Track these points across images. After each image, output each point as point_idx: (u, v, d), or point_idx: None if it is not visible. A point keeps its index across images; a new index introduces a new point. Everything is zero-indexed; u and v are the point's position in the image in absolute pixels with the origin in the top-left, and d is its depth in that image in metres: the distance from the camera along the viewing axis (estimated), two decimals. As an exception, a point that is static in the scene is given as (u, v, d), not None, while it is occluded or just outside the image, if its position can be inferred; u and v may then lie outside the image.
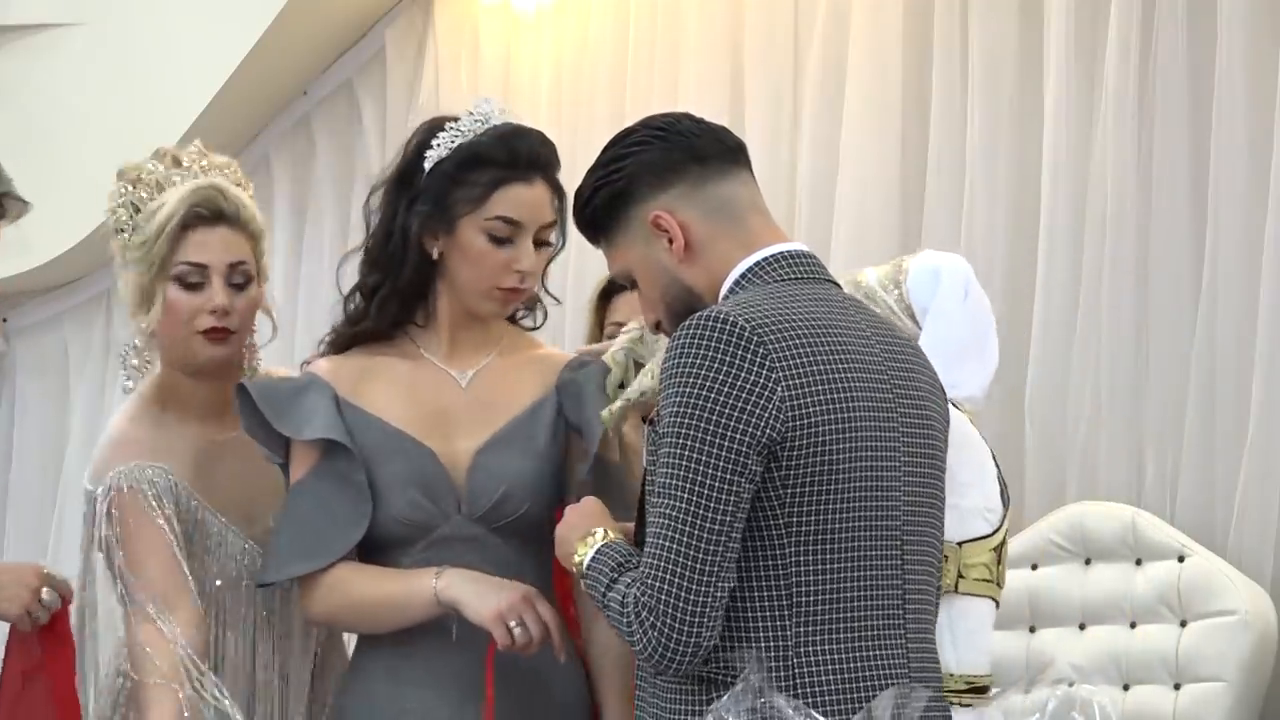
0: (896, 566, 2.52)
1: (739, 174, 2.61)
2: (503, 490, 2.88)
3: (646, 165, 2.58)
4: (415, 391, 2.93)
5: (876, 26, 4.71)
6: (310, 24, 5.58)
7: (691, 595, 2.39)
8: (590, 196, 2.62)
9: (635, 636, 2.42)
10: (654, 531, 2.42)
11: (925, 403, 2.58)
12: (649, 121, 2.65)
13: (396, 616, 2.85)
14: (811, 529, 2.43)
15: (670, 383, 2.43)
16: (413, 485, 2.87)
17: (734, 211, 2.58)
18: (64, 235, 5.97)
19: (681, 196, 2.57)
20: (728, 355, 2.40)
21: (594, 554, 2.54)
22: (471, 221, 2.88)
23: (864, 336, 2.52)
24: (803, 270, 2.56)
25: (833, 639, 2.46)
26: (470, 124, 2.92)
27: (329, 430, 2.88)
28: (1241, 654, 3.87)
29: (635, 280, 2.63)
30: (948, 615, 2.74)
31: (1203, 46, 4.23)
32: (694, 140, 2.60)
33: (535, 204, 2.90)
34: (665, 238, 2.56)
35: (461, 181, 2.88)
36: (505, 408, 2.95)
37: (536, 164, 2.90)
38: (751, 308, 2.45)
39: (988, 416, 4.48)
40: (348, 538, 2.87)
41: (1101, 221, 4.32)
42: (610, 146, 2.64)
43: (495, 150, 2.88)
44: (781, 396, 2.40)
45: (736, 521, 2.40)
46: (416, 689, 2.87)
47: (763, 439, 2.39)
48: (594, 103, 5.26)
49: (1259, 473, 4.05)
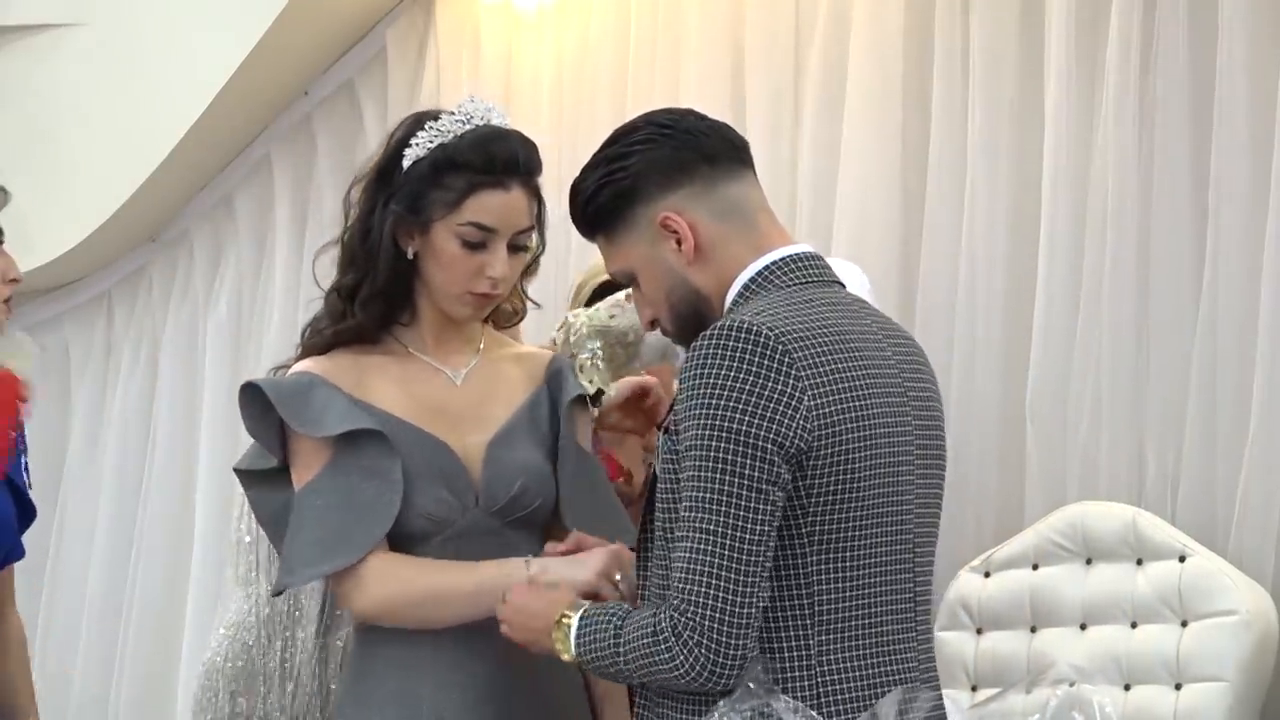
0: (908, 570, 2.52)
1: (746, 174, 2.58)
2: (520, 482, 2.87)
3: (654, 163, 2.54)
4: (413, 388, 2.92)
5: (877, 25, 4.71)
6: (311, 24, 5.58)
7: (735, 610, 2.35)
8: (594, 194, 2.57)
9: (678, 659, 2.36)
10: (689, 547, 2.37)
11: (932, 402, 2.59)
12: (653, 118, 2.60)
13: (468, 608, 2.81)
14: (833, 538, 2.42)
15: (695, 393, 2.39)
16: (435, 479, 2.85)
17: (744, 213, 2.55)
18: (65, 235, 5.98)
19: (691, 197, 2.53)
20: (754, 365, 2.37)
21: (578, 630, 2.50)
22: (445, 225, 2.86)
23: (876, 340, 2.51)
24: (812, 273, 2.54)
25: (853, 646, 2.45)
26: (451, 124, 2.89)
27: (356, 422, 2.83)
28: (1242, 654, 3.87)
29: (637, 281, 2.59)
30: None
31: (1204, 46, 4.23)
32: (702, 139, 2.56)
33: (510, 210, 2.87)
34: (674, 239, 2.52)
35: (437, 184, 2.85)
36: (503, 403, 2.94)
37: (513, 169, 2.87)
38: (772, 315, 2.42)
39: (989, 416, 4.50)
40: (377, 529, 2.82)
41: (1102, 220, 4.32)
42: (613, 142, 2.59)
43: (471, 154, 2.85)
44: (808, 406, 2.38)
45: (772, 530, 2.38)
46: (425, 680, 2.86)
47: (791, 449, 2.37)
48: (595, 102, 5.26)
49: (1260, 472, 4.04)
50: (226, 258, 6.02)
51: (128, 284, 6.20)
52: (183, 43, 5.69)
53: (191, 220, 6.07)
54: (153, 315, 6.15)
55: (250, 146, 5.94)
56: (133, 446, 6.08)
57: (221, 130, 5.79)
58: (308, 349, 2.95)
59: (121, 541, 6.04)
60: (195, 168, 5.92)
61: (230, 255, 6.00)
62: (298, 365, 2.93)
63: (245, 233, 5.97)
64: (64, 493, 6.21)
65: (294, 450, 2.89)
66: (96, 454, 6.17)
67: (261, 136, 5.92)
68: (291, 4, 5.40)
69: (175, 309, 6.09)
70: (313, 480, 2.85)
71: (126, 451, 6.09)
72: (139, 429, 6.08)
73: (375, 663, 2.90)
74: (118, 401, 6.15)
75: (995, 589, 4.23)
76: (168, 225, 6.10)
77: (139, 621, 5.96)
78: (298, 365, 2.93)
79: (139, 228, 6.06)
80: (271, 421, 2.88)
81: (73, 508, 6.19)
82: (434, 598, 2.82)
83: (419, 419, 2.88)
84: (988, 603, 4.23)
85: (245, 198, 5.98)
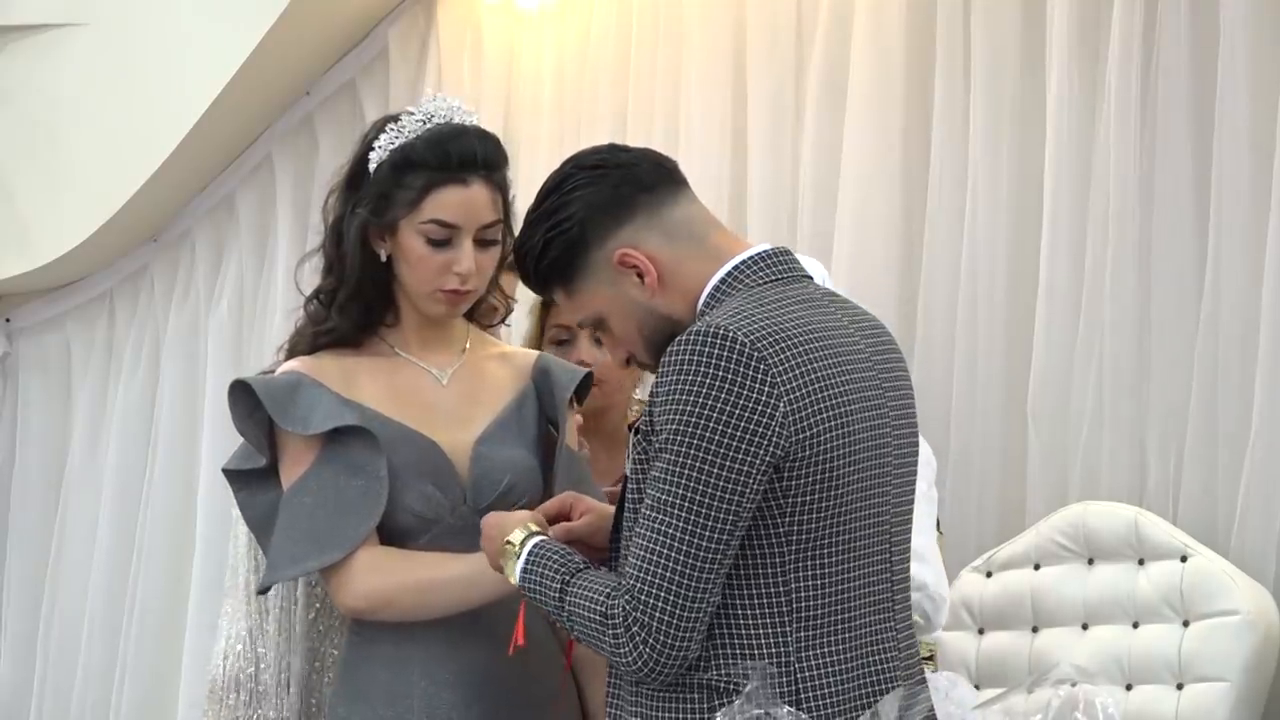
0: (885, 564, 2.52)
1: (684, 193, 2.56)
2: (508, 480, 2.88)
3: (596, 205, 2.51)
4: (399, 387, 2.94)
5: (879, 25, 4.71)
6: (313, 24, 5.58)
7: (684, 612, 2.37)
8: (544, 249, 2.53)
9: (623, 649, 2.40)
10: (647, 546, 2.39)
11: (905, 391, 2.59)
12: (579, 161, 2.57)
13: (456, 597, 2.82)
14: (812, 537, 2.42)
15: (669, 399, 2.38)
16: (423, 477, 2.87)
17: (694, 231, 2.53)
18: (66, 235, 5.98)
19: (640, 229, 2.51)
20: (727, 373, 2.36)
21: (523, 565, 2.53)
22: (409, 225, 2.88)
23: (849, 334, 2.51)
24: (779, 270, 2.53)
25: (833, 643, 2.45)
26: (411, 124, 2.90)
27: (341, 418, 2.86)
28: (1244, 654, 3.87)
29: (606, 324, 2.56)
30: None
31: (1205, 45, 4.22)
32: (635, 170, 2.54)
33: (471, 205, 2.88)
34: (633, 273, 2.50)
35: (398, 185, 2.87)
36: (489, 402, 2.96)
37: (471, 164, 2.88)
38: (744, 318, 2.41)
39: (991, 417, 4.50)
40: (365, 524, 2.84)
41: (1104, 220, 4.32)
42: (546, 195, 2.55)
43: (427, 153, 2.86)
44: (784, 413, 2.37)
45: (733, 540, 2.39)
46: (415, 678, 2.87)
47: (766, 457, 2.37)
48: (596, 101, 5.26)
49: (1261, 472, 4.04)
50: (228, 258, 6.02)
51: (129, 284, 6.20)
52: (184, 42, 5.69)
53: (193, 220, 6.07)
54: (154, 315, 6.15)
55: (252, 146, 5.94)
56: (134, 446, 6.08)
57: (223, 130, 5.79)
58: (291, 353, 2.98)
59: (123, 541, 6.03)
60: (197, 168, 5.92)
61: (232, 255, 6.00)
62: (286, 365, 2.96)
63: (247, 233, 5.97)
64: (65, 492, 6.21)
65: (282, 448, 2.91)
66: (98, 454, 6.17)
67: (263, 136, 5.93)
68: (293, 4, 5.40)
69: (177, 309, 6.09)
70: (300, 478, 2.87)
71: (128, 451, 6.09)
72: (140, 429, 6.08)
73: (366, 661, 2.91)
74: (119, 401, 6.15)
75: (997, 589, 4.23)
76: (169, 225, 6.10)
77: (140, 621, 5.95)
78: (286, 365, 2.96)
79: (140, 228, 6.06)
80: (260, 420, 2.91)
81: (74, 507, 6.19)
82: (422, 587, 2.84)
83: (407, 418, 2.90)
84: (989, 603, 4.23)
85: (247, 198, 5.98)
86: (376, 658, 2.89)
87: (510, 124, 5.36)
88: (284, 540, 2.88)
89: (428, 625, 2.85)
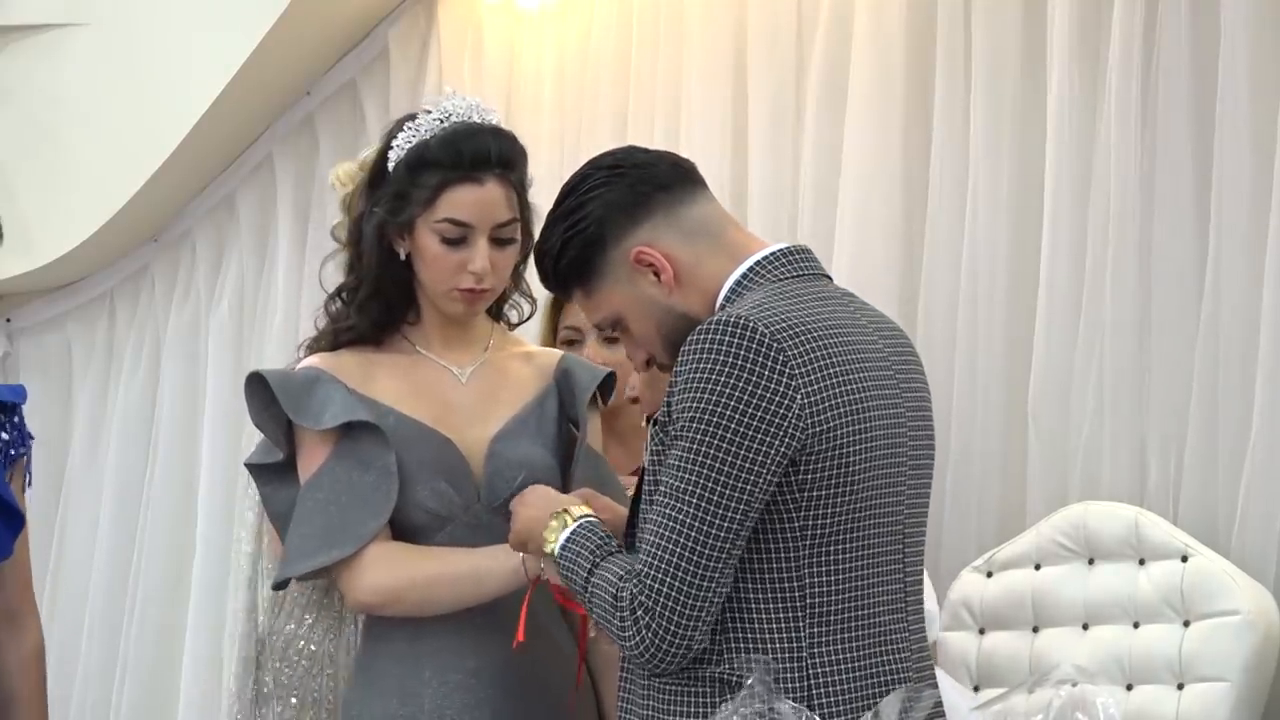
0: (898, 562, 2.52)
1: (702, 193, 2.59)
2: (522, 478, 2.88)
3: (613, 205, 2.54)
4: (418, 384, 2.94)
5: (879, 25, 4.71)
6: (313, 24, 5.58)
7: (692, 601, 2.38)
8: (562, 249, 2.56)
9: (629, 634, 2.41)
10: (658, 533, 2.40)
11: (922, 392, 2.60)
12: (598, 163, 2.61)
13: (467, 592, 2.83)
14: (826, 531, 2.43)
15: (686, 387, 2.39)
16: (437, 474, 2.87)
17: (711, 230, 2.55)
18: (67, 236, 5.98)
19: (657, 228, 2.53)
20: (746, 363, 2.37)
21: (568, 535, 2.53)
22: (424, 223, 2.89)
23: (867, 332, 2.52)
24: (801, 267, 2.55)
25: (845, 640, 2.46)
26: (429, 123, 2.91)
27: (352, 414, 2.86)
28: (1245, 654, 3.87)
29: (624, 324, 2.58)
30: None
31: (1206, 45, 4.22)
32: (652, 170, 2.57)
33: (485, 204, 2.89)
34: (650, 272, 2.53)
35: (414, 184, 2.89)
36: (510, 400, 2.96)
37: (485, 163, 2.89)
38: (765, 310, 2.42)
39: (991, 416, 4.50)
40: (376, 520, 2.85)
41: (1104, 221, 4.31)
42: (565, 196, 2.59)
43: (441, 152, 2.87)
44: (801, 405, 2.38)
45: (744, 530, 2.39)
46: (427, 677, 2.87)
47: (782, 448, 2.37)
48: (598, 101, 5.26)
49: (1262, 473, 4.04)
50: (228, 258, 6.01)
51: (130, 284, 6.20)
52: (184, 42, 5.69)
53: (193, 220, 6.07)
54: (155, 315, 6.14)
55: (252, 146, 5.94)
56: (135, 446, 6.08)
57: (223, 130, 5.79)
58: (312, 350, 2.99)
59: (123, 541, 6.03)
60: (197, 168, 5.92)
61: (232, 255, 6.00)
62: (306, 361, 2.98)
63: (247, 233, 5.97)
64: (66, 493, 6.21)
65: (299, 443, 2.93)
66: (98, 454, 6.17)
67: (263, 136, 5.92)
68: (293, 4, 5.40)
69: (177, 309, 6.08)
70: (315, 474, 2.88)
71: (128, 451, 6.09)
72: (141, 429, 6.08)
73: (379, 658, 2.91)
74: (120, 401, 6.14)
75: (997, 589, 4.23)
76: (170, 225, 6.10)
77: (141, 621, 5.95)
78: (306, 361, 2.98)
79: (141, 228, 6.06)
80: (276, 414, 2.92)
81: (74, 507, 6.19)
82: (429, 582, 2.84)
83: (424, 415, 2.90)
84: (990, 603, 4.23)
85: (247, 198, 5.98)
86: (389, 653, 2.90)
87: (511, 124, 5.26)
88: (297, 536, 2.89)
89: (440, 621, 2.86)
